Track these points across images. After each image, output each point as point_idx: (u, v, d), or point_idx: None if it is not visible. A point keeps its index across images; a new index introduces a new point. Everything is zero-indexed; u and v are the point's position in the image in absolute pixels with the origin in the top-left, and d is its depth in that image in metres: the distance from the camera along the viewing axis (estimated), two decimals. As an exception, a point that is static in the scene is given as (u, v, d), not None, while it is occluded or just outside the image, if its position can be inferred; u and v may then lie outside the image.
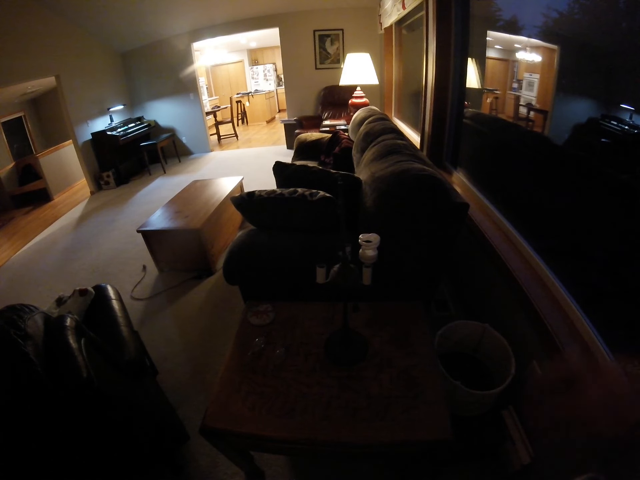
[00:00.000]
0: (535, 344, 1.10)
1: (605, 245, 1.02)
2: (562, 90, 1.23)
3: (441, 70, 2.07)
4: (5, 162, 5.12)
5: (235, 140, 7.06)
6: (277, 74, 9.43)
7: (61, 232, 3.68)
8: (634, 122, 0.89)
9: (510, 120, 1.66)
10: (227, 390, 1.00)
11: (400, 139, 1.79)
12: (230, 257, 1.44)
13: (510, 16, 1.57)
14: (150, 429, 1.12)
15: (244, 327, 1.22)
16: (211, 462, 1.30)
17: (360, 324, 1.18)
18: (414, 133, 3.24)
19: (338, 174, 1.63)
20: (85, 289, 1.50)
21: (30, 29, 3.78)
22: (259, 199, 1.45)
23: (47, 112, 6.02)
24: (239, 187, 3.25)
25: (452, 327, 1.31)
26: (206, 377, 1.66)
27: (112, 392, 0.93)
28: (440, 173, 1.71)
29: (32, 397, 0.80)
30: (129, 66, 5.57)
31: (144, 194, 4.51)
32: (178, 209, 2.66)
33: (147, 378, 1.31)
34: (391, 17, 3.61)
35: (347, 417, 0.90)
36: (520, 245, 1.33)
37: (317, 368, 1.04)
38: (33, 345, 0.88)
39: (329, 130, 4.03)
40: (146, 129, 5.47)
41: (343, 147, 2.53)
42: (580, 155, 1.14)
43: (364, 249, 0.90)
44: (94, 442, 0.94)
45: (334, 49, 5.31)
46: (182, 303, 2.23)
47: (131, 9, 4.21)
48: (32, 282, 2.72)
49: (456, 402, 1.15)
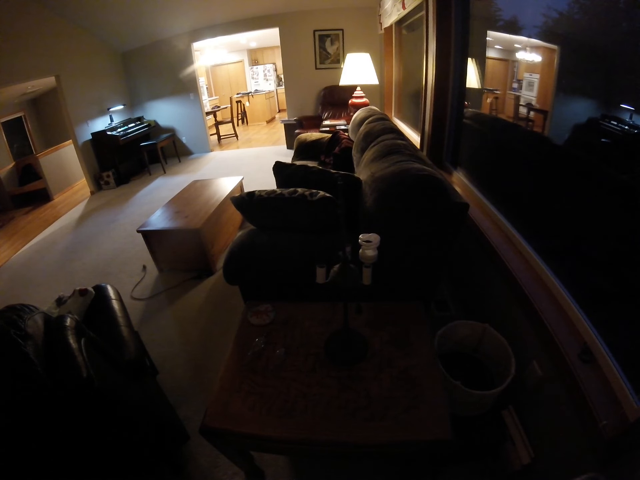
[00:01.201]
0: (535, 344, 1.10)
1: (605, 245, 1.02)
2: (562, 90, 1.23)
3: (441, 70, 2.07)
4: (5, 162, 5.12)
5: (235, 140, 7.06)
6: (277, 74, 9.43)
7: (61, 232, 3.68)
8: (634, 122, 0.89)
9: (510, 120, 1.66)
10: (227, 390, 1.00)
11: (400, 139, 1.79)
12: (230, 257, 1.44)
13: (510, 16, 1.57)
14: (150, 429, 1.12)
15: (244, 327, 1.22)
16: (211, 462, 1.30)
17: (360, 324, 1.18)
18: (414, 133, 3.24)
19: (338, 174, 1.63)
20: (85, 289, 1.50)
21: (30, 29, 3.79)
22: (259, 199, 1.45)
23: (47, 112, 6.02)
24: (239, 187, 3.25)
25: (452, 327, 1.31)
26: (206, 377, 1.66)
27: (112, 392, 0.93)
28: (440, 173, 1.70)
29: (32, 397, 0.80)
30: (129, 66, 5.57)
31: (144, 194, 4.51)
32: (178, 209, 2.66)
33: (147, 378, 1.31)
34: (391, 17, 3.61)
35: (347, 417, 0.90)
36: (520, 245, 1.33)
37: (317, 368, 1.04)
38: (33, 345, 0.88)
39: (329, 130, 4.03)
40: (146, 129, 5.47)
41: (343, 147, 2.53)
42: (580, 155, 1.14)
43: (364, 249, 0.90)
44: (94, 442, 0.95)
45: (334, 49, 5.31)
46: (182, 303, 2.23)
47: (131, 8, 4.21)
48: (32, 282, 2.72)
49: (456, 402, 1.15)
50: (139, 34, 5.00)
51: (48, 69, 4.19)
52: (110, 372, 1.02)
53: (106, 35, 4.84)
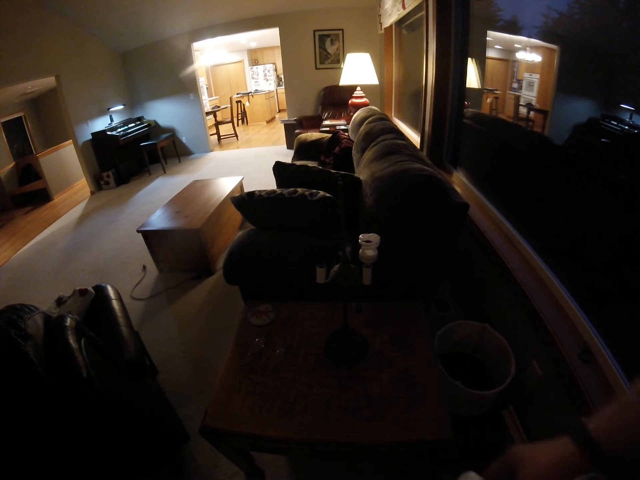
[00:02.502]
0: (535, 344, 1.10)
1: (605, 245, 1.02)
2: (562, 90, 1.23)
3: (441, 70, 2.07)
4: (5, 162, 5.12)
5: (235, 140, 7.05)
6: (277, 74, 9.43)
7: (61, 232, 3.68)
8: (634, 122, 0.89)
9: (510, 120, 1.66)
10: (227, 390, 1.00)
11: (400, 138, 1.79)
12: (230, 257, 1.44)
13: (510, 16, 1.57)
14: (150, 429, 1.12)
15: (244, 327, 1.22)
16: (211, 462, 1.30)
17: (360, 324, 1.18)
18: (414, 133, 3.24)
19: (338, 174, 1.63)
20: (85, 289, 1.49)
21: (30, 29, 3.79)
22: (259, 199, 1.45)
23: (47, 112, 6.02)
24: (239, 187, 3.25)
25: (452, 327, 1.31)
26: (206, 377, 1.66)
27: (112, 392, 0.93)
28: (440, 173, 1.70)
29: (32, 397, 0.80)
30: (129, 66, 5.56)
31: (144, 194, 4.51)
32: (178, 209, 2.66)
33: (147, 378, 1.31)
34: (391, 17, 3.61)
35: (347, 417, 0.90)
36: (520, 245, 1.33)
37: (317, 368, 1.04)
38: (33, 345, 0.88)
39: (329, 130, 4.03)
40: (146, 129, 5.47)
41: (343, 147, 2.53)
42: (580, 155, 1.14)
43: (364, 249, 0.90)
44: (94, 442, 0.94)
45: (334, 49, 5.31)
46: (182, 303, 2.23)
47: (131, 9, 4.21)
48: (32, 282, 2.72)
49: (456, 402, 1.15)
50: (139, 34, 5.00)
51: (48, 69, 4.19)
52: (110, 372, 1.02)
53: (106, 35, 4.84)
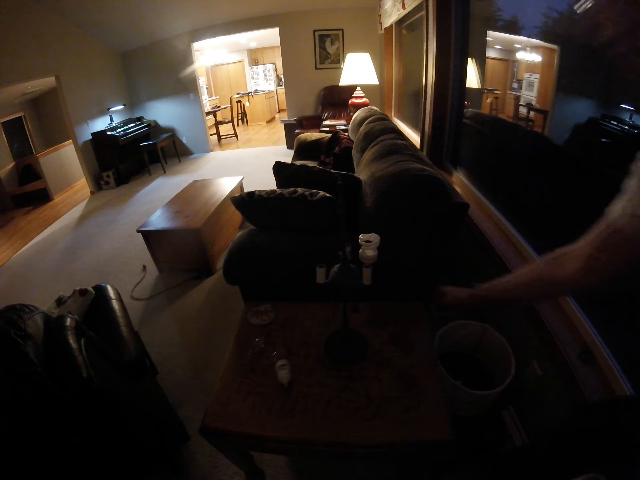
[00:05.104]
0: (535, 344, 1.10)
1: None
2: (562, 90, 1.23)
3: (441, 70, 2.07)
4: (5, 162, 5.11)
5: (235, 140, 7.05)
6: (277, 74, 9.42)
7: (61, 232, 3.68)
8: (634, 122, 0.89)
9: (510, 120, 1.66)
10: (227, 390, 1.00)
11: (400, 138, 1.79)
12: (230, 257, 1.44)
13: (510, 16, 1.57)
14: (150, 429, 1.12)
15: (244, 327, 1.22)
16: (211, 462, 1.30)
17: (360, 324, 1.18)
18: (414, 133, 3.24)
19: (338, 174, 1.63)
20: (85, 289, 1.49)
21: (30, 29, 3.78)
22: (259, 199, 1.45)
23: (47, 112, 6.01)
24: (239, 187, 3.25)
25: (452, 327, 1.31)
26: (206, 377, 1.66)
27: (112, 392, 0.93)
28: (440, 173, 1.70)
29: (32, 397, 0.80)
30: (129, 66, 5.56)
31: (144, 194, 4.51)
32: (178, 209, 2.66)
33: (147, 378, 1.31)
34: (391, 17, 3.61)
35: (347, 417, 0.90)
36: (520, 245, 1.33)
37: (317, 368, 1.04)
38: (33, 345, 0.88)
39: (329, 130, 4.03)
40: (146, 129, 5.46)
41: (343, 147, 2.53)
42: (580, 155, 1.14)
43: (364, 249, 0.90)
44: (94, 442, 0.94)
45: (334, 49, 5.31)
46: (182, 303, 2.23)
47: (131, 9, 4.21)
48: (32, 282, 2.72)
49: (456, 402, 1.15)
50: (139, 34, 5.00)
51: (48, 69, 4.19)
52: (111, 372, 1.02)
53: (106, 35, 4.84)
